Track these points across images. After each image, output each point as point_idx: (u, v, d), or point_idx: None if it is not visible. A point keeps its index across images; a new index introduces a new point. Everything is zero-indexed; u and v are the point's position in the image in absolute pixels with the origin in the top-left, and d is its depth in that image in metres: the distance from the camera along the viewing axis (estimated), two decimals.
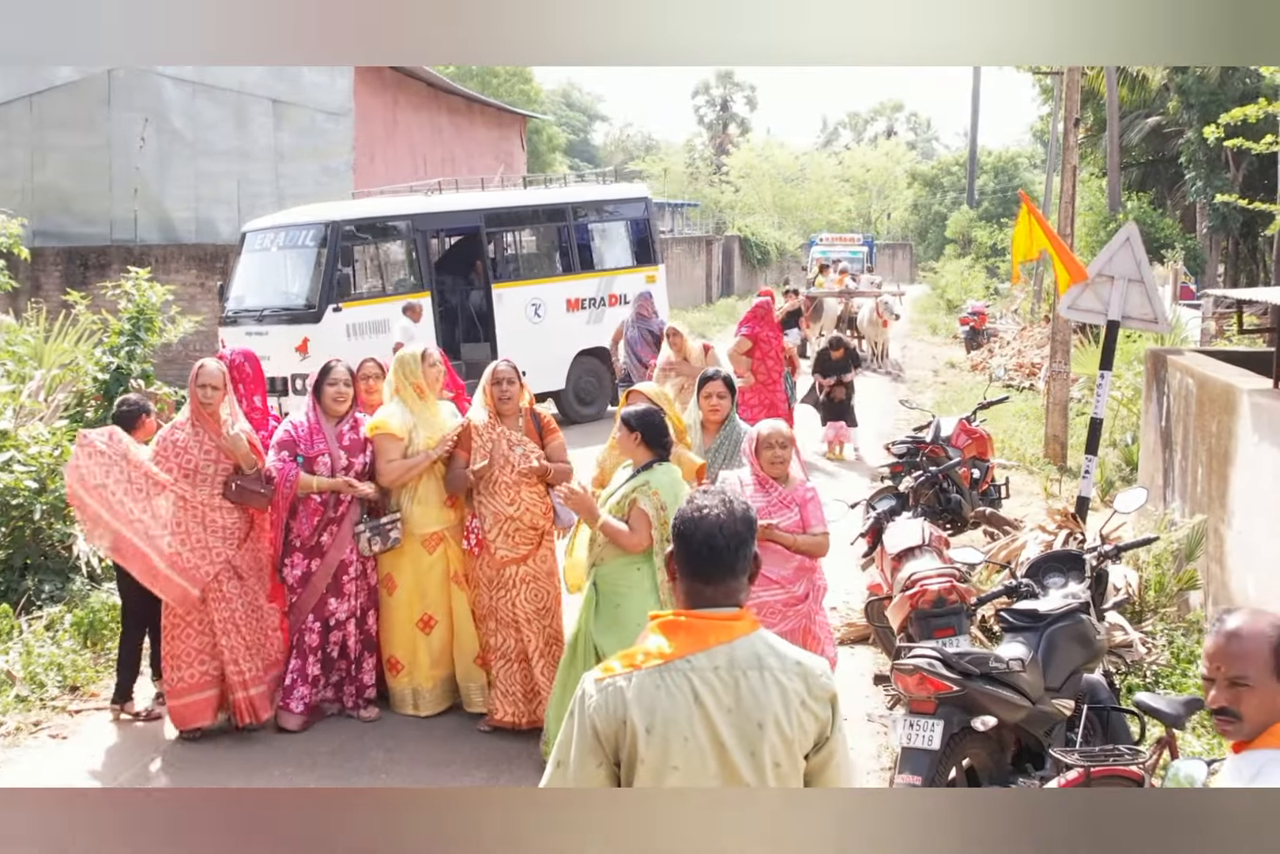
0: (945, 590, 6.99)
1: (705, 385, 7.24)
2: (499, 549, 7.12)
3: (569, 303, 17.61)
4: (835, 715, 3.17)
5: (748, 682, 3.06)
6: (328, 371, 7.37)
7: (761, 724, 3.05)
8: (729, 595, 3.16)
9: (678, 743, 3.02)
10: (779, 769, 3.07)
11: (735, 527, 3.16)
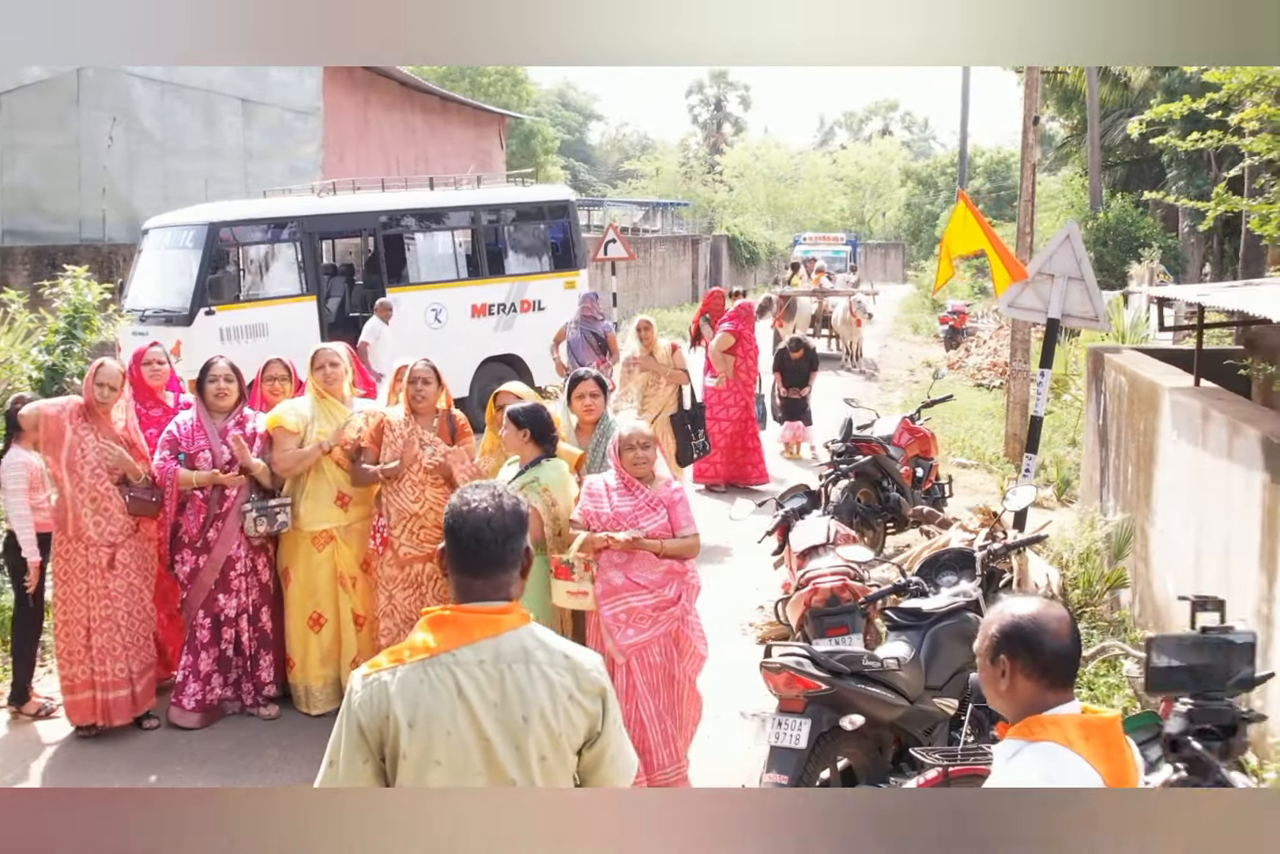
0: (838, 589, 6.96)
1: (577, 385, 7.18)
2: (403, 547, 7.11)
3: (474, 308, 17.11)
4: (607, 710, 3.17)
5: (513, 675, 3.05)
6: (208, 368, 7.38)
7: (526, 718, 3.04)
8: (498, 589, 3.15)
9: (440, 737, 3.00)
10: (545, 764, 3.07)
11: (503, 520, 3.14)
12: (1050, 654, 3.00)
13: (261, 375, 7.76)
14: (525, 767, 3.05)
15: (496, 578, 3.15)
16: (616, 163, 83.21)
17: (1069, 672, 3.05)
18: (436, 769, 3.01)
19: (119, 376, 7.17)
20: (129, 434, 7.26)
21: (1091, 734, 2.93)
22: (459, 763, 3.02)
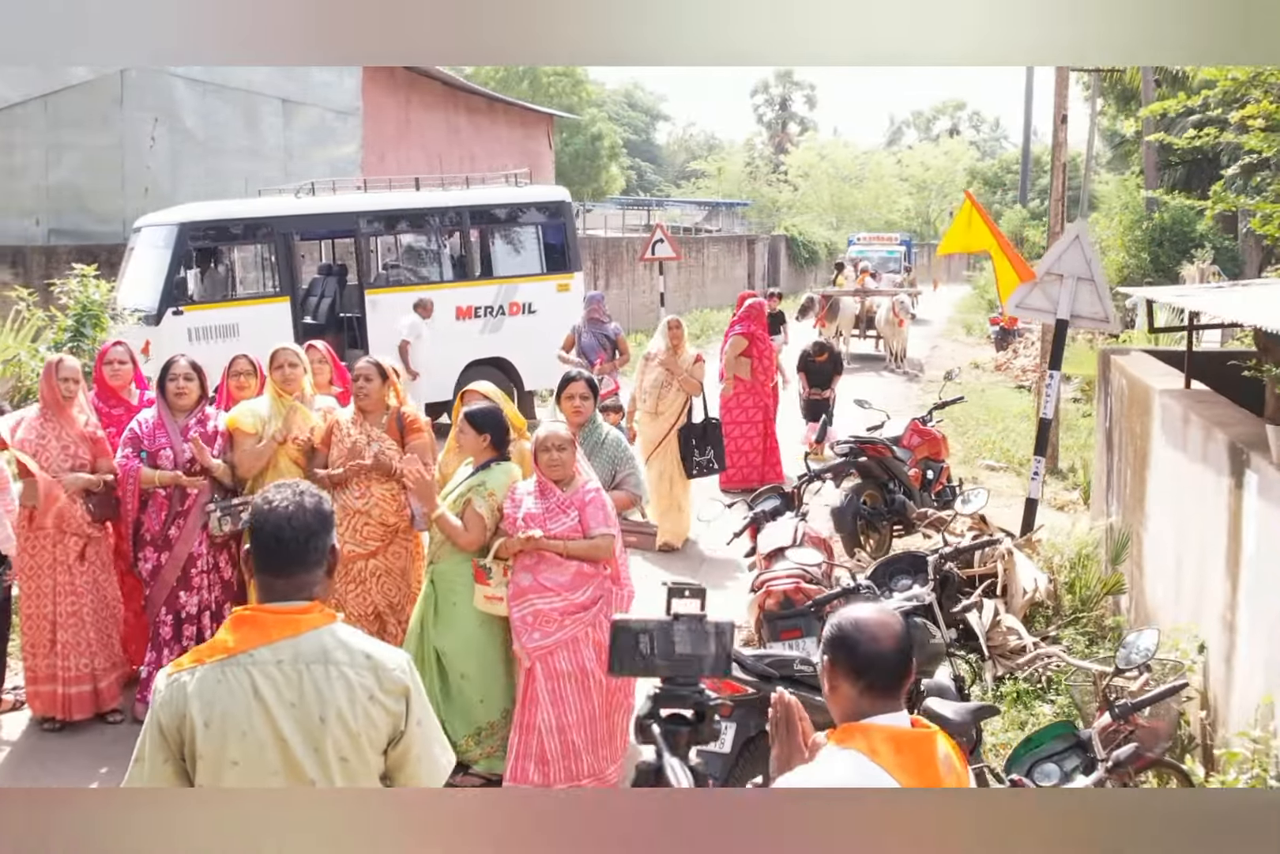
0: (791, 591, 6.87)
1: (567, 386, 7.20)
2: (347, 544, 7.08)
3: (459, 310, 16.77)
4: (410, 710, 3.16)
5: (311, 675, 3.06)
6: (168, 367, 7.41)
7: (324, 718, 3.05)
8: (299, 589, 3.16)
9: (235, 737, 3.02)
10: (346, 764, 3.08)
11: (304, 519, 3.16)
12: (866, 660, 2.97)
13: (228, 372, 7.78)
14: (324, 767, 3.06)
15: (297, 577, 3.16)
16: (683, 163, 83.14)
17: (889, 681, 3.00)
18: (233, 769, 3.03)
19: (78, 371, 7.25)
20: (91, 430, 7.32)
21: (902, 748, 2.90)
22: (255, 763, 3.04)
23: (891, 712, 2.98)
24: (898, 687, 3.02)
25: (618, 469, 7.11)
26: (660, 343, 11.91)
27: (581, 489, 6.25)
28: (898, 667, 3.00)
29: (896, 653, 3.00)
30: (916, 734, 2.97)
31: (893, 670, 3.00)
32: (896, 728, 2.95)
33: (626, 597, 6.41)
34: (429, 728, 3.24)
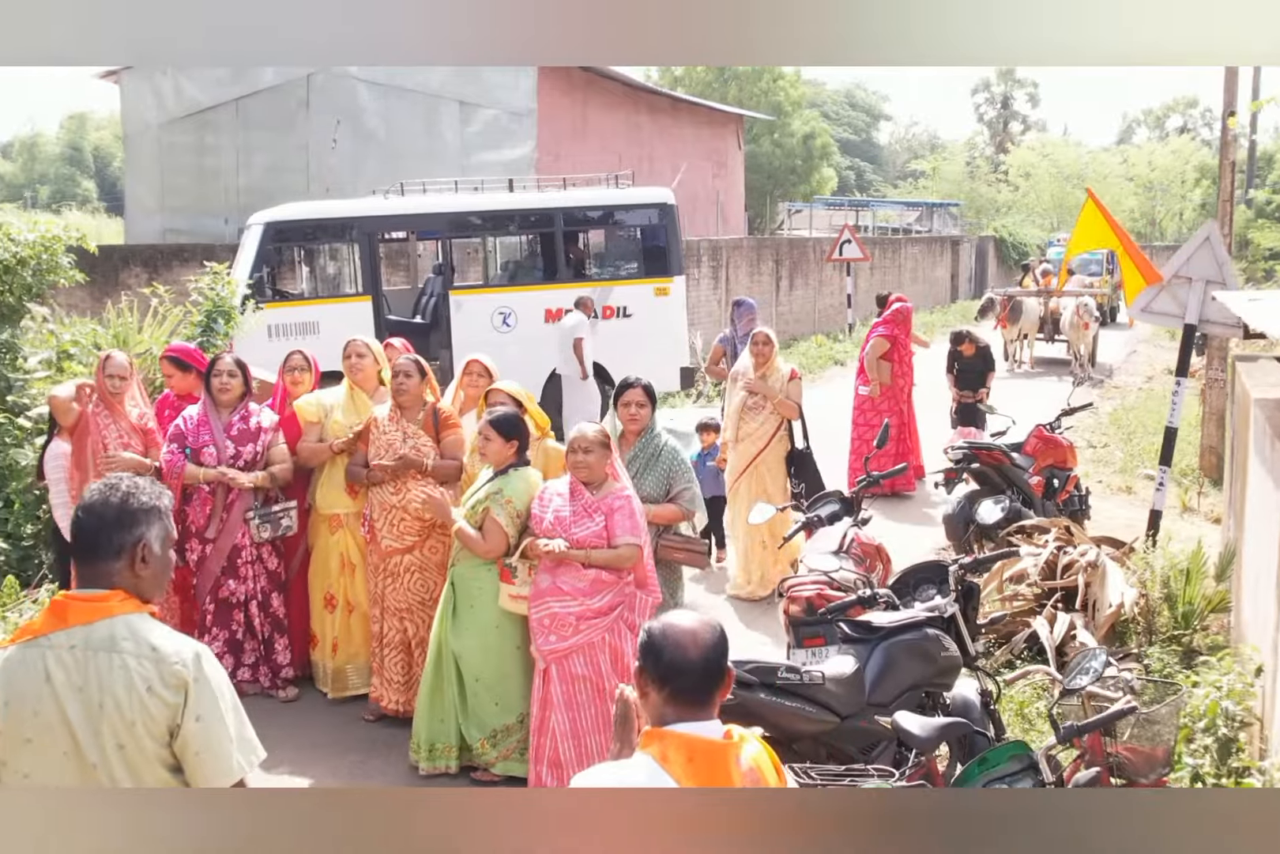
0: (814, 598, 6.68)
1: (624, 393, 7.04)
2: (384, 538, 7.18)
3: (547, 313, 16.26)
4: (188, 705, 3.19)
5: (96, 662, 3.15)
6: (213, 364, 7.63)
7: (102, 704, 3.14)
8: (98, 577, 3.26)
9: (29, 716, 3.14)
10: (123, 751, 3.16)
11: (106, 512, 3.28)
12: (670, 668, 2.99)
13: (283, 367, 7.96)
14: (103, 751, 3.15)
15: (96, 566, 3.26)
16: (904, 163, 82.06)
17: (693, 690, 3.01)
18: (27, 746, 3.15)
19: (127, 367, 7.50)
20: (144, 423, 7.56)
21: (695, 756, 2.91)
22: (46, 742, 3.15)
23: (698, 720, 3.00)
24: (703, 696, 3.03)
25: (673, 482, 6.96)
26: (746, 361, 10.30)
27: (612, 494, 6.16)
28: (703, 676, 3.01)
29: (702, 662, 3.00)
30: (713, 744, 2.96)
31: (697, 680, 3.00)
32: (693, 736, 2.95)
33: (651, 603, 6.29)
34: (213, 724, 3.23)
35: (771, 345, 10.13)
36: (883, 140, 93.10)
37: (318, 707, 7.66)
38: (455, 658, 6.54)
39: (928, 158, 71.34)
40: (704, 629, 3.05)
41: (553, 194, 17.17)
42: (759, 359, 10.07)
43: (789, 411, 9.94)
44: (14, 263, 10.55)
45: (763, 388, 9.96)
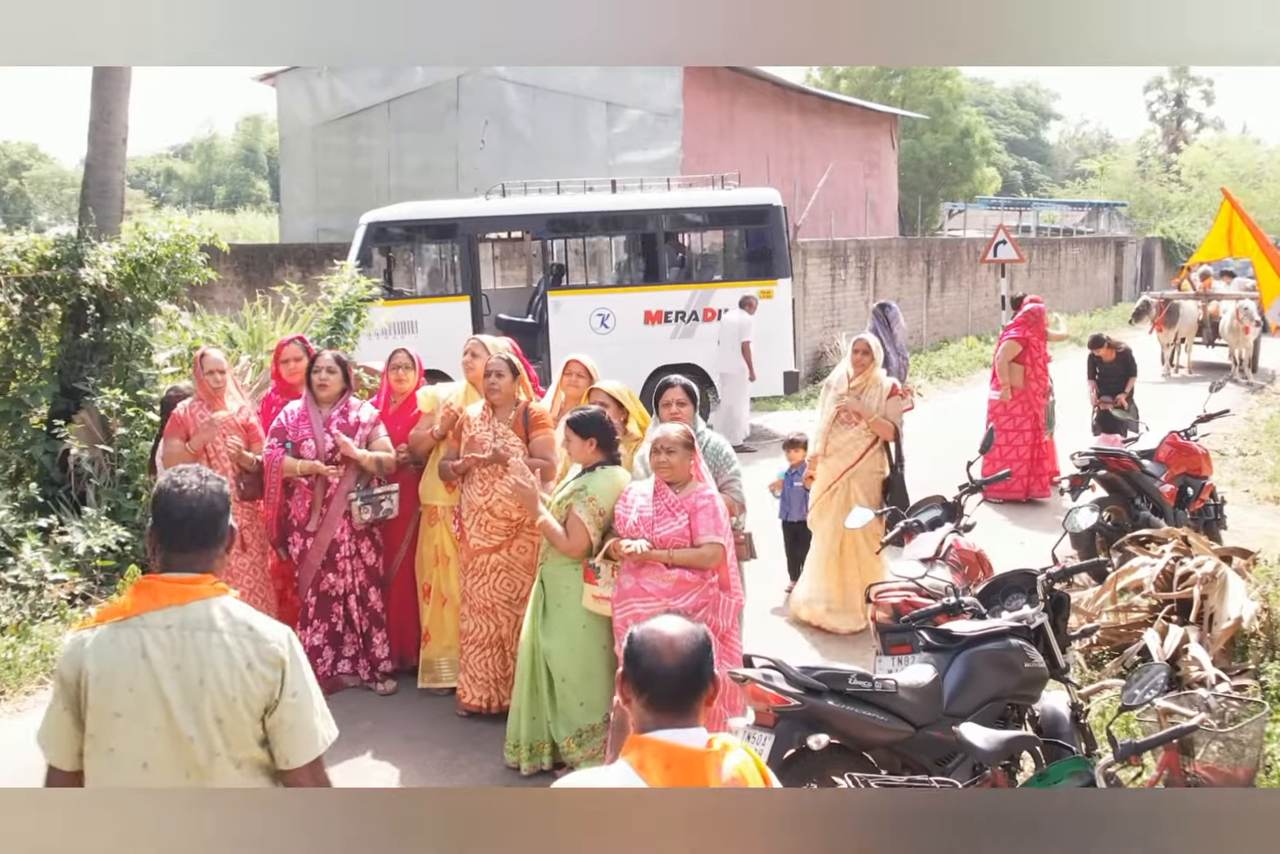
0: (901, 605, 6.56)
1: (664, 393, 6.99)
2: (473, 537, 7.23)
3: (647, 314, 16.29)
4: (285, 682, 3.38)
5: (194, 641, 3.34)
6: (313, 360, 7.77)
7: (203, 681, 3.32)
8: (192, 563, 3.44)
9: (122, 692, 3.30)
10: (222, 725, 3.34)
11: (203, 501, 3.45)
12: (645, 674, 2.97)
13: (388, 365, 8.06)
14: (202, 726, 3.32)
15: (191, 552, 3.43)
16: (1073, 162, 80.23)
17: (670, 697, 2.97)
18: (117, 720, 3.30)
19: (224, 363, 7.70)
20: (244, 418, 7.74)
21: (672, 764, 2.88)
22: (138, 717, 3.30)
23: (679, 728, 2.95)
24: (681, 704, 2.98)
25: (719, 473, 6.91)
26: (843, 369, 9.39)
27: (695, 493, 6.13)
28: (680, 684, 2.97)
29: (679, 670, 2.96)
30: (691, 752, 2.91)
31: (674, 687, 2.97)
32: (671, 743, 2.92)
33: (734, 605, 6.25)
34: (305, 700, 3.42)
35: (871, 355, 9.16)
36: (1052, 139, 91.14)
37: (414, 700, 7.73)
38: (544, 656, 6.56)
39: (1098, 157, 69.61)
40: (684, 636, 3.00)
41: (655, 195, 17.11)
42: (856, 369, 9.21)
43: (883, 431, 9.08)
44: (150, 261, 10.88)
45: (855, 406, 9.09)
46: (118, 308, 10.94)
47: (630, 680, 3.00)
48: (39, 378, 10.91)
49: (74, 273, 10.53)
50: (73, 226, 11.75)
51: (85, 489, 10.31)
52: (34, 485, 10.03)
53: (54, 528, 9.61)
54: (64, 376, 10.91)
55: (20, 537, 9.29)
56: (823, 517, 9.21)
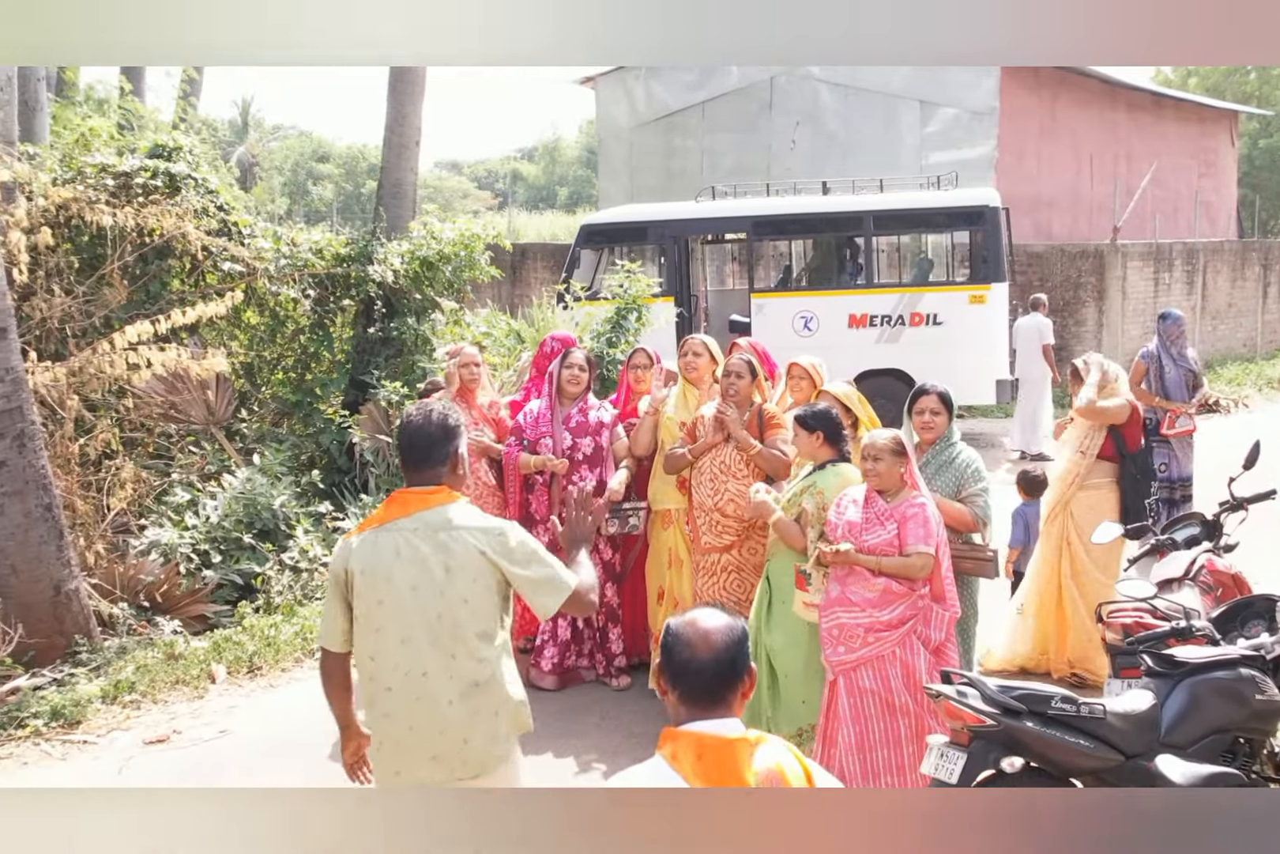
0: (1133, 626, 6.22)
1: (919, 400, 6.82)
2: (704, 537, 7.23)
3: (851, 318, 15.91)
4: (515, 558, 4.10)
5: (437, 538, 4.09)
6: (566, 355, 7.86)
7: (448, 569, 4.07)
8: (429, 479, 4.22)
9: (382, 583, 4.08)
10: (467, 604, 4.09)
11: (429, 429, 4.21)
12: (679, 667, 2.99)
13: (627, 364, 8.13)
14: (450, 606, 4.07)
15: (425, 470, 4.20)
16: None
17: (702, 690, 2.99)
18: (381, 606, 4.08)
19: (478, 357, 7.93)
20: (494, 412, 7.95)
21: (704, 755, 2.90)
22: (397, 602, 4.07)
23: (713, 719, 2.97)
24: (714, 696, 3.00)
25: (964, 486, 6.69)
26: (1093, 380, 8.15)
27: (906, 502, 5.97)
28: (712, 677, 2.99)
29: (712, 663, 2.99)
30: (722, 741, 2.92)
31: (707, 680, 2.98)
32: (702, 734, 2.93)
33: (948, 618, 6.06)
34: (537, 567, 4.13)
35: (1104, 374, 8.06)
36: None
37: (644, 698, 7.77)
38: (767, 653, 6.51)
39: None
40: (720, 630, 3.01)
41: (864, 197, 16.76)
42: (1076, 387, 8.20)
43: (1090, 414, 7.96)
44: (436, 259, 11.31)
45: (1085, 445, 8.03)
46: (405, 304, 11.43)
47: (665, 673, 3.02)
48: (331, 370, 11.50)
49: (364, 270, 11.04)
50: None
51: (368, 477, 10.81)
52: (316, 473, 10.57)
53: (329, 514, 10.11)
54: (354, 369, 11.47)
55: (298, 521, 9.81)
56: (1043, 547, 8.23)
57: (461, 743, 4.10)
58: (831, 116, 23.67)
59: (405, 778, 4.14)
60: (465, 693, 4.08)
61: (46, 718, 7.30)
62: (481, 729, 4.12)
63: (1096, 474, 8.01)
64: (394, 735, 4.13)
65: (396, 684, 4.08)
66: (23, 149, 11.15)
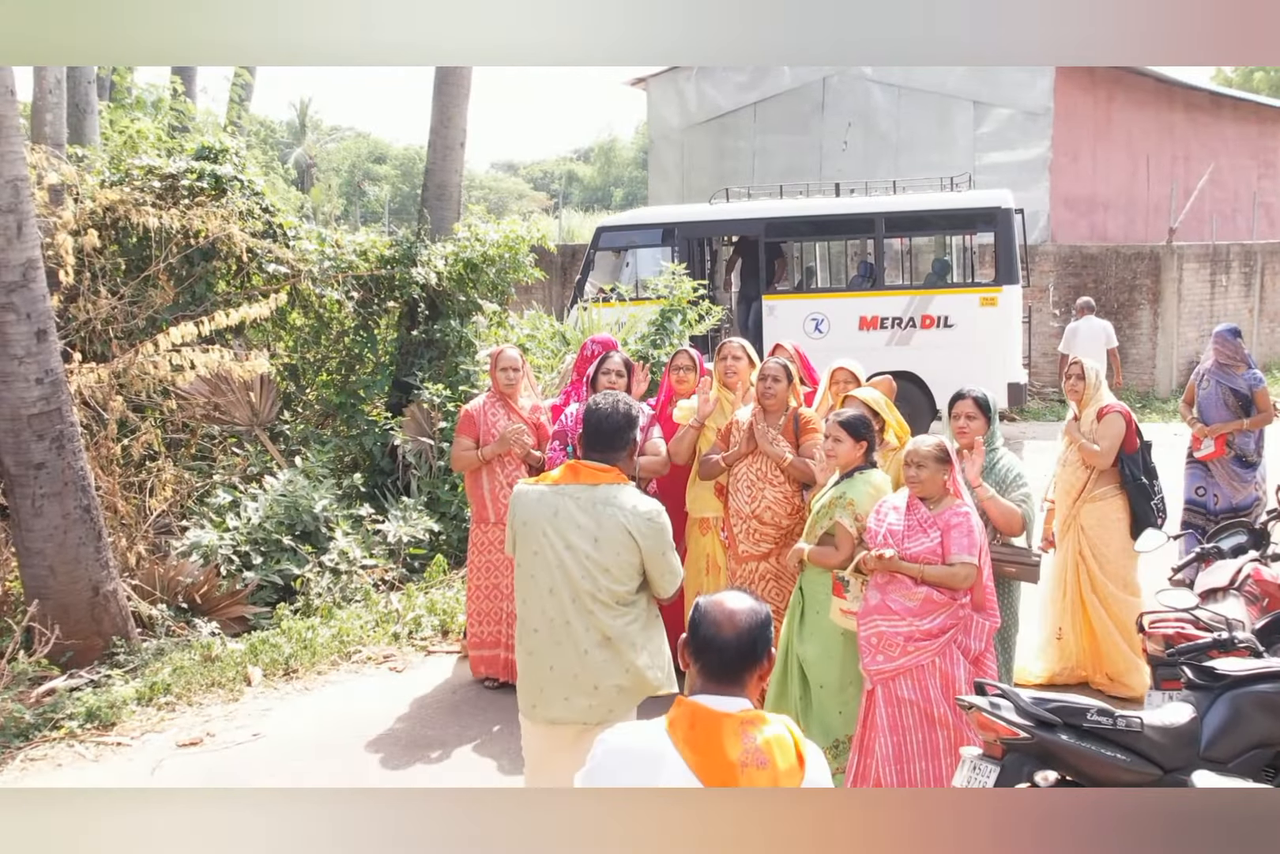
0: (1174, 636, 6.09)
1: (955, 404, 6.77)
2: (740, 544, 7.15)
3: (862, 320, 15.88)
4: (656, 544, 4.77)
5: (596, 510, 4.69)
6: (604, 360, 7.73)
7: (598, 539, 4.68)
8: (606, 459, 4.85)
9: (538, 535, 4.74)
10: (607, 572, 4.70)
11: (616, 418, 4.83)
12: (702, 643, 3.18)
13: (670, 366, 8.03)
14: (590, 570, 4.69)
15: (608, 453, 4.85)
16: None
17: (721, 666, 3.17)
18: (535, 556, 4.75)
19: (518, 360, 7.84)
20: (535, 415, 7.89)
21: (697, 724, 3.07)
22: (548, 556, 4.72)
23: (722, 695, 3.13)
24: (731, 674, 3.17)
25: (1004, 493, 6.59)
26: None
27: (950, 510, 5.88)
28: (734, 655, 3.16)
29: (734, 641, 3.15)
30: (715, 715, 3.08)
31: (728, 658, 3.16)
32: (701, 705, 3.09)
33: (989, 628, 5.96)
34: (670, 556, 4.84)
35: (1084, 381, 7.94)
36: None
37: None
38: (800, 663, 6.43)
39: None
40: (745, 612, 3.19)
41: (875, 199, 16.69)
42: (1073, 397, 8.05)
43: (1088, 456, 7.77)
44: (480, 261, 11.30)
45: (1070, 431, 7.98)
46: (450, 306, 11.42)
47: (689, 647, 3.20)
48: (374, 372, 11.51)
49: (408, 272, 11.05)
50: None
51: (410, 480, 10.82)
52: (358, 475, 10.58)
53: (369, 516, 10.11)
54: (398, 371, 11.48)
55: (338, 523, 9.81)
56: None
57: (592, 689, 4.75)
58: (884, 117, 23.55)
59: (540, 712, 4.84)
60: (600, 644, 4.72)
61: (81, 719, 7.33)
62: (612, 679, 4.76)
63: (1100, 484, 7.84)
64: (536, 672, 4.81)
65: (543, 628, 4.76)
66: (71, 151, 11.23)
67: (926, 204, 16.51)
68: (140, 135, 11.45)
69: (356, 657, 8.61)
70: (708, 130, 26.18)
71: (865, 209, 16.37)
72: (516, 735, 6.91)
